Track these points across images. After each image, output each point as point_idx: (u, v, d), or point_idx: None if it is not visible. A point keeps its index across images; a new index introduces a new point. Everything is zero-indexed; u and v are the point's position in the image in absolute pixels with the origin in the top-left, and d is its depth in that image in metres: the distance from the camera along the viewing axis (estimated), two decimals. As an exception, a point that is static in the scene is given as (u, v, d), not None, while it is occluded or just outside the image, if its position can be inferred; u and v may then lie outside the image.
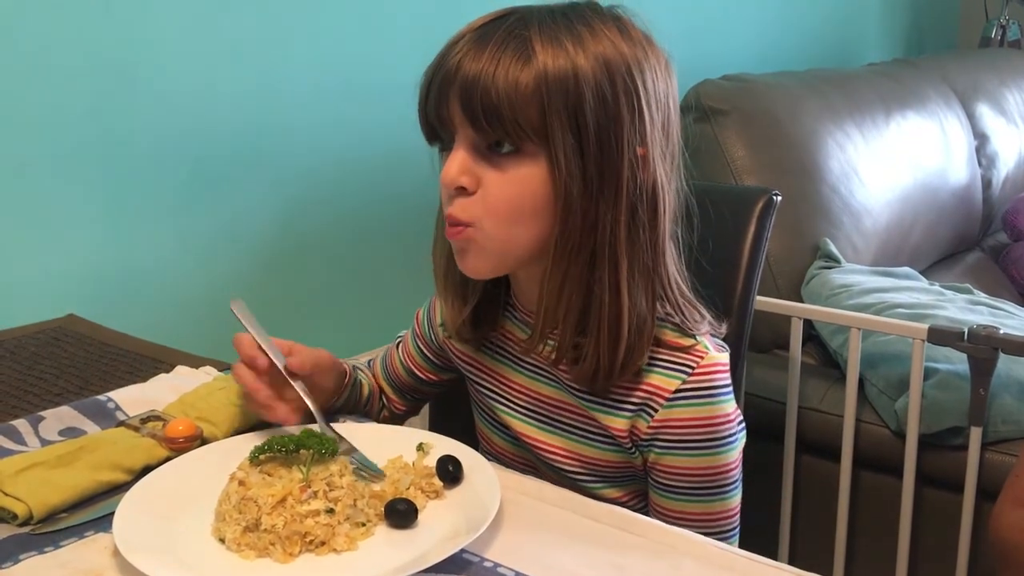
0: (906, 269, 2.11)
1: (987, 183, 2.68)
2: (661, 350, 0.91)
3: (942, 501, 1.66)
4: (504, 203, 0.86)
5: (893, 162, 2.28)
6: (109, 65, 1.46)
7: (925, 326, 1.58)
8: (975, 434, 1.57)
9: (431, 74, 0.88)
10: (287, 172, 1.72)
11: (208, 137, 1.60)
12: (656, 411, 0.90)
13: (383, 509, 0.81)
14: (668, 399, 0.90)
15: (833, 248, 1.99)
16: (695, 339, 0.92)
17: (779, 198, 1.23)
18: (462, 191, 0.86)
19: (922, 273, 2.17)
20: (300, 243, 1.76)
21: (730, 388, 0.92)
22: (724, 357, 0.92)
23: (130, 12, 1.47)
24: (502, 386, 1.02)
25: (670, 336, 0.92)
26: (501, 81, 0.82)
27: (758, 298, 1.25)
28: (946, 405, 1.60)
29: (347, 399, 1.08)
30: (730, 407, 0.91)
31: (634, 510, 0.91)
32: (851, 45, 3.27)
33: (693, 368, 0.90)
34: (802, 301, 1.88)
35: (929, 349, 1.61)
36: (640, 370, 0.90)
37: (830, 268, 1.95)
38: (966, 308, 1.86)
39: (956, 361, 1.63)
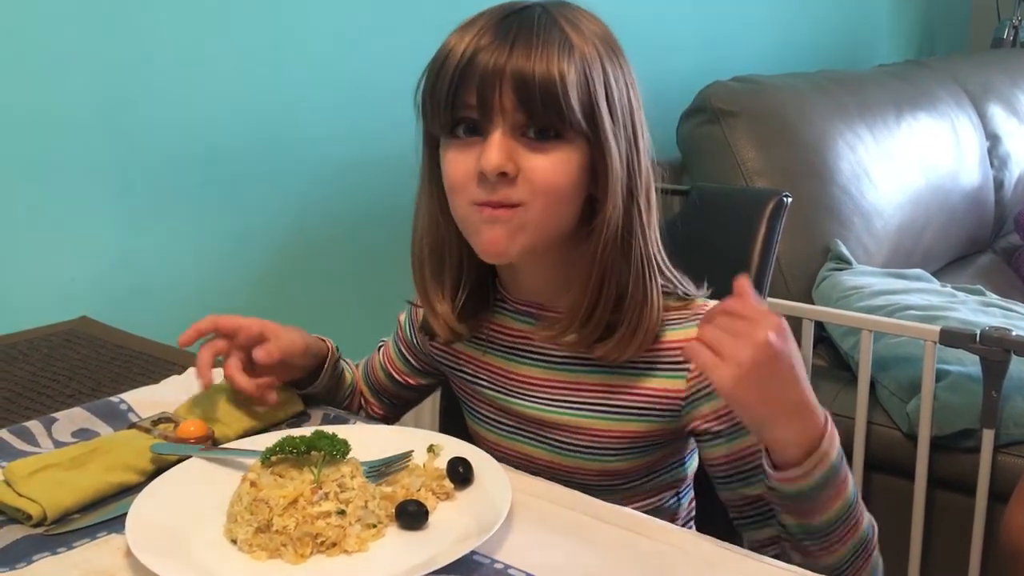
0: (917, 271, 2.11)
1: (999, 184, 2.67)
2: (670, 313, 0.95)
3: (954, 504, 1.65)
4: (552, 186, 0.88)
5: (904, 163, 2.27)
6: (123, 71, 1.47)
7: (937, 328, 1.57)
8: (987, 436, 1.57)
9: (461, 63, 0.87)
10: (300, 176, 1.72)
11: (221, 141, 1.60)
12: (689, 363, 0.93)
13: (394, 510, 0.81)
14: None
15: (844, 250, 1.98)
16: (691, 298, 0.97)
17: (790, 200, 1.23)
18: (502, 176, 0.87)
19: (934, 275, 2.17)
20: (312, 246, 1.77)
21: None
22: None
23: (143, 17, 1.48)
24: (509, 380, 1.02)
25: (672, 302, 0.96)
26: (555, 73, 0.85)
27: (769, 300, 1.25)
28: (958, 407, 1.60)
29: (328, 385, 1.09)
30: None
31: (628, 492, 0.98)
32: (862, 46, 3.26)
33: (702, 316, 0.94)
34: (813, 303, 1.88)
35: (941, 351, 1.60)
36: (657, 334, 0.94)
37: (841, 270, 1.95)
38: (978, 310, 1.85)
39: (968, 363, 1.63)
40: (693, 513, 1.08)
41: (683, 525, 1.06)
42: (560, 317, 0.93)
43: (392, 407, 1.20)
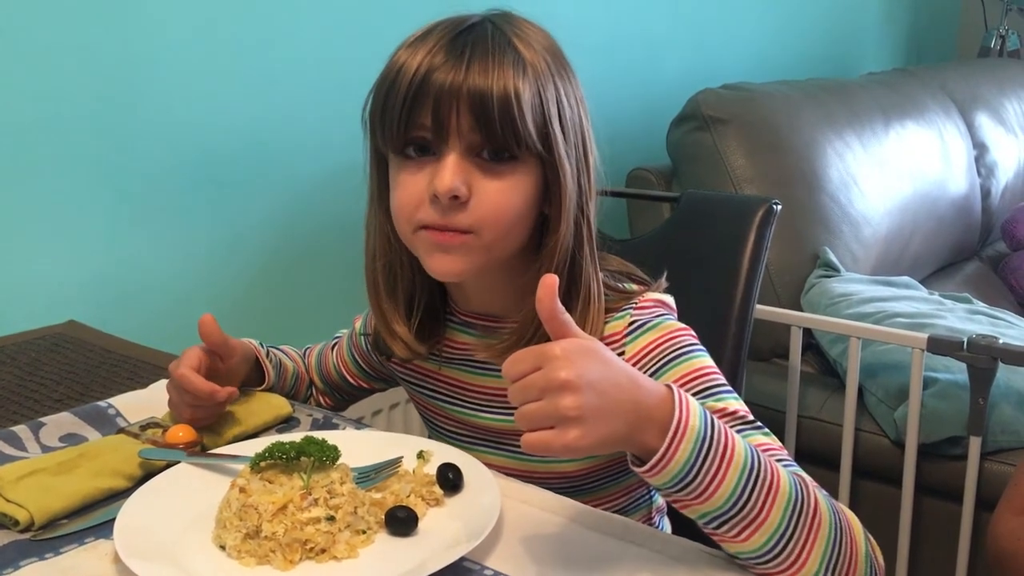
0: (905, 278, 2.12)
1: (986, 193, 2.68)
2: (605, 313, 0.95)
3: (941, 511, 1.66)
4: (503, 212, 0.88)
5: (892, 171, 2.28)
6: (112, 72, 1.47)
7: (924, 335, 1.58)
8: (974, 444, 1.58)
9: (414, 82, 0.86)
10: (290, 179, 1.72)
11: (210, 143, 1.60)
12: (623, 353, 0.92)
13: (383, 517, 0.81)
14: (626, 335, 0.93)
15: (832, 257, 1.99)
16: (630, 292, 0.97)
17: (779, 207, 1.24)
18: (455, 199, 0.87)
19: (921, 282, 2.18)
20: (302, 251, 1.77)
21: (671, 314, 0.96)
22: (656, 294, 0.97)
23: (133, 18, 1.48)
24: (465, 392, 1.02)
25: (611, 303, 0.96)
26: (512, 92, 0.85)
27: (758, 307, 1.25)
28: (945, 415, 1.61)
29: (277, 384, 1.11)
30: (678, 324, 0.94)
31: (596, 492, 0.99)
32: (851, 54, 3.28)
33: (636, 304, 0.95)
34: (802, 310, 1.89)
35: (928, 359, 1.61)
36: (599, 335, 0.94)
37: (829, 277, 1.95)
38: (965, 318, 1.86)
39: (955, 371, 1.63)
40: (666, 507, 1.09)
41: (658, 519, 1.08)
42: (507, 333, 0.93)
43: (341, 400, 1.22)
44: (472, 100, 0.84)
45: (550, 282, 0.71)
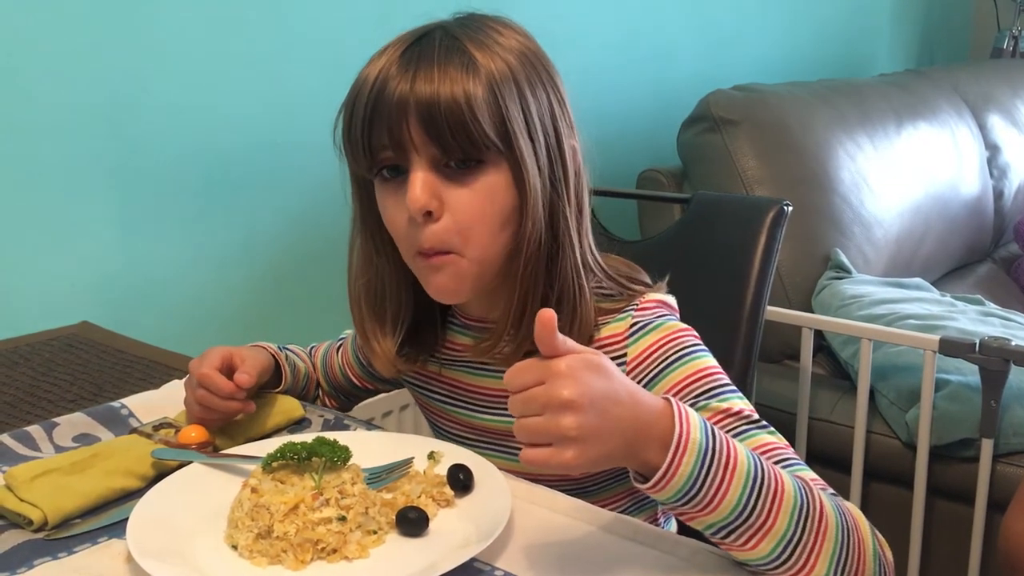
0: (917, 280, 2.11)
1: (999, 194, 2.67)
2: (605, 312, 0.94)
3: (953, 513, 1.65)
4: (479, 219, 0.87)
5: (904, 173, 2.28)
6: (124, 76, 1.48)
7: (936, 337, 1.58)
8: (986, 446, 1.57)
9: (368, 102, 0.87)
10: (300, 182, 1.73)
11: (222, 147, 1.61)
12: (625, 355, 0.92)
13: (394, 517, 0.81)
14: (627, 336, 0.92)
15: (844, 258, 1.99)
16: (633, 293, 0.96)
17: (790, 208, 1.24)
18: (428, 216, 0.86)
19: (933, 284, 2.17)
20: (313, 251, 1.77)
21: (673, 315, 0.95)
22: (658, 294, 0.96)
23: (145, 23, 1.48)
24: (466, 393, 1.02)
25: (607, 304, 0.95)
26: (460, 96, 0.83)
27: (768, 308, 1.25)
28: (957, 417, 1.60)
29: (292, 386, 1.12)
30: (680, 325, 0.93)
31: (599, 494, 0.98)
32: (862, 55, 3.27)
33: (637, 305, 0.94)
34: (813, 311, 1.88)
35: (940, 360, 1.60)
36: (591, 334, 0.93)
37: (841, 279, 1.95)
38: (977, 319, 1.86)
39: (967, 373, 1.63)
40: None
41: (663, 521, 1.08)
42: (489, 333, 0.93)
43: (346, 402, 1.23)
44: (420, 113, 0.84)
45: (547, 318, 0.69)
